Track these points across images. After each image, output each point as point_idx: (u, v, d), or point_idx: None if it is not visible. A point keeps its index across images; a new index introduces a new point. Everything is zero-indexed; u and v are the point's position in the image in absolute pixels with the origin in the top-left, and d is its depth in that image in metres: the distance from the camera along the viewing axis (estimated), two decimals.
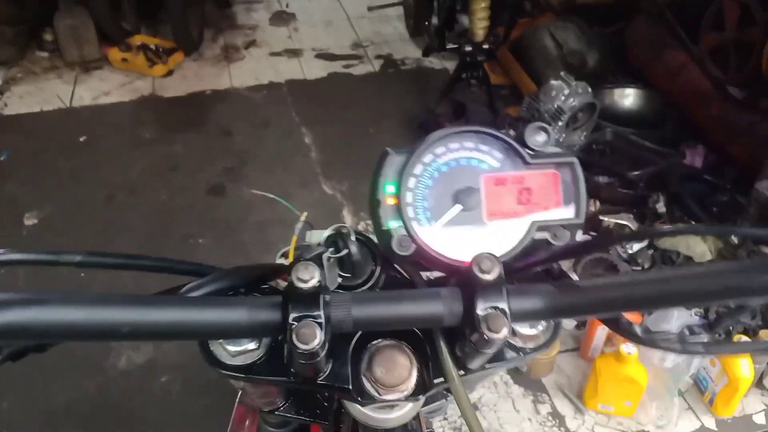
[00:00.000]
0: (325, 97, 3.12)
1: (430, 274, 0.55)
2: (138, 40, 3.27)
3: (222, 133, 2.86)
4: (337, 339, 0.45)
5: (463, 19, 2.66)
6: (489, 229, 0.51)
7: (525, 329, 0.53)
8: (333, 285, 0.54)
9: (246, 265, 0.53)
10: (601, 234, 2.08)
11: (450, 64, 3.26)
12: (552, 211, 0.51)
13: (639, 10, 2.87)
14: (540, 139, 0.51)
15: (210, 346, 0.52)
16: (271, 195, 2.26)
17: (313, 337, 0.41)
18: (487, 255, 0.44)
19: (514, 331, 0.53)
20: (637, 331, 0.49)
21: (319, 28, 3.72)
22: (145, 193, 2.52)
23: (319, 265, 0.46)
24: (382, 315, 0.44)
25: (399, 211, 0.50)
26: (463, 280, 0.45)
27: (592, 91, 2.21)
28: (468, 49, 2.57)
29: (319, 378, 0.51)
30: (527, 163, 0.51)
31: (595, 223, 2.15)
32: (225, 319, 0.42)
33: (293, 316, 0.42)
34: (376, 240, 0.54)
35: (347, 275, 0.54)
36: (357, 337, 0.52)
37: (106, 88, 3.13)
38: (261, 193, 2.41)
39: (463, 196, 0.50)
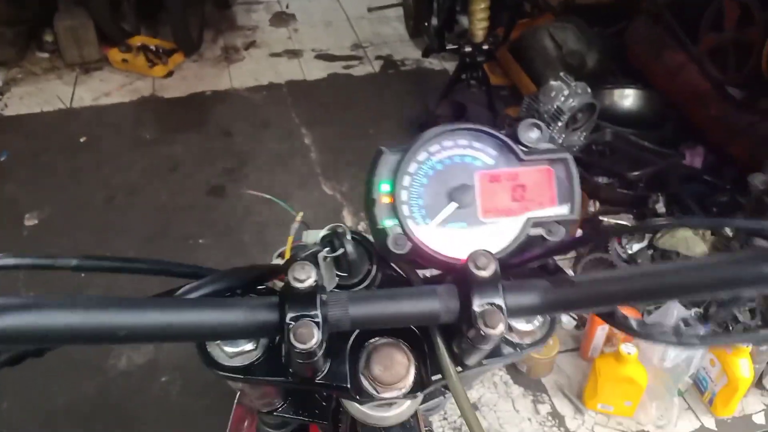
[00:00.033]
0: (325, 97, 3.12)
1: (427, 272, 0.55)
2: (138, 40, 3.28)
3: (222, 134, 2.87)
4: (335, 338, 0.45)
5: (462, 19, 2.66)
6: (484, 226, 0.51)
7: (521, 325, 0.53)
8: (330, 285, 0.54)
9: (242, 266, 0.53)
10: (593, 227, 2.07)
11: (450, 65, 3.26)
12: (546, 207, 0.51)
13: (639, 10, 2.88)
14: (533, 135, 0.51)
15: (207, 348, 0.52)
16: (267, 195, 2.27)
17: (310, 337, 0.41)
18: (483, 252, 0.44)
19: (511, 327, 0.53)
20: (633, 324, 0.49)
21: (319, 28, 3.72)
22: (145, 194, 2.52)
23: (315, 264, 0.46)
24: (379, 313, 0.44)
25: (394, 210, 0.50)
26: (459, 278, 0.45)
27: (591, 91, 2.20)
28: (468, 49, 2.57)
29: (317, 377, 0.51)
30: (521, 160, 0.51)
31: (595, 224, 2.15)
32: (222, 321, 0.42)
33: (290, 315, 0.42)
34: (372, 239, 0.54)
35: (344, 274, 0.54)
36: (354, 336, 0.52)
37: (106, 88, 3.14)
38: (257, 193, 2.42)
39: (457, 193, 0.51)
